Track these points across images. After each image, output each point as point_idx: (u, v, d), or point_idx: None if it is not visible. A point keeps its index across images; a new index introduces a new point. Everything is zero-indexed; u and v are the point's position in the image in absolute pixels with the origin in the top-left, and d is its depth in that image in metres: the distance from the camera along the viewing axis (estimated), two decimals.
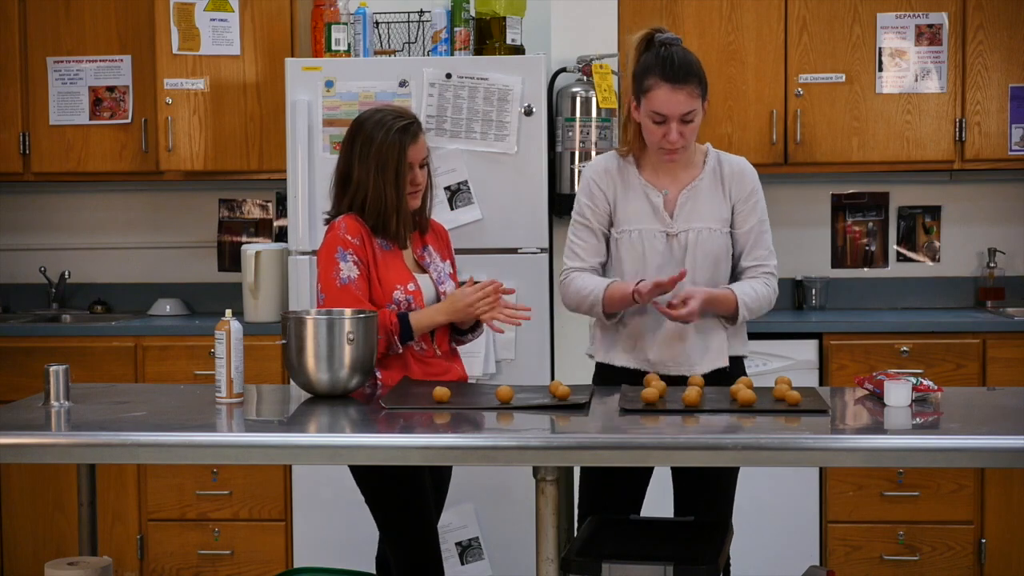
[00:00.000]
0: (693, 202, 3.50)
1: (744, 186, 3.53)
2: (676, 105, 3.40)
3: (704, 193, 3.51)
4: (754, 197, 3.54)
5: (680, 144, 3.42)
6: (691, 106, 3.41)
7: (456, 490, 4.49)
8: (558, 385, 3.21)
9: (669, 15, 5.03)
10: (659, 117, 3.41)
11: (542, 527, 2.90)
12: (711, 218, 3.49)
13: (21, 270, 5.64)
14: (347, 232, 3.46)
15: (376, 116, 3.52)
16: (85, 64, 5.24)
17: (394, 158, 3.45)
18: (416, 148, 3.50)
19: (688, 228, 3.48)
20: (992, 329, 4.80)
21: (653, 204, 3.50)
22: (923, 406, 3.14)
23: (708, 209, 3.50)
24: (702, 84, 3.45)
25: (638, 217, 3.50)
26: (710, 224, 3.48)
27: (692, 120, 3.42)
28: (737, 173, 3.54)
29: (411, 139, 3.48)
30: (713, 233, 3.48)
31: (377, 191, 3.47)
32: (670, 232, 3.48)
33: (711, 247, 3.47)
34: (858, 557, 4.79)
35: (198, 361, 4.88)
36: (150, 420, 3.12)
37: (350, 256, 3.44)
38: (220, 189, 5.52)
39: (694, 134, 3.47)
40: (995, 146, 5.01)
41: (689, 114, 3.41)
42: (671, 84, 3.40)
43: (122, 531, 4.96)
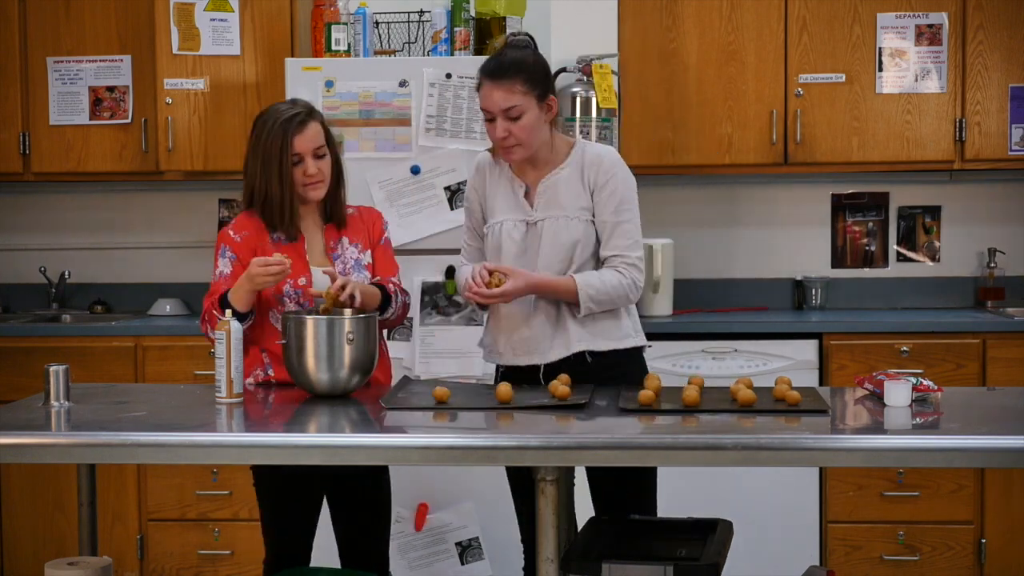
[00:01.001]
0: (552, 191, 3.50)
1: (600, 173, 3.48)
2: (494, 101, 3.40)
3: (563, 183, 3.50)
4: (611, 184, 3.47)
5: (510, 141, 3.42)
6: (511, 102, 3.38)
7: (456, 490, 4.50)
8: (558, 385, 3.21)
9: (669, 15, 5.03)
10: (487, 114, 3.44)
11: (542, 527, 2.90)
12: (569, 207, 3.48)
13: (21, 270, 5.63)
14: (233, 228, 3.52)
15: (269, 109, 3.52)
16: (85, 64, 5.24)
17: (277, 150, 3.43)
18: (303, 138, 3.44)
19: (546, 216, 3.48)
20: (992, 329, 4.80)
21: (516, 195, 3.53)
22: (923, 406, 3.14)
23: (566, 198, 3.49)
24: (533, 81, 3.40)
25: (504, 209, 3.53)
26: (567, 212, 3.47)
27: (519, 117, 3.39)
28: (595, 163, 3.49)
29: (296, 129, 3.43)
30: (570, 221, 3.47)
31: (262, 185, 3.46)
32: (529, 221, 3.50)
33: (565, 235, 3.46)
34: (858, 557, 4.79)
35: (198, 361, 4.88)
36: (150, 420, 3.12)
37: (228, 252, 3.50)
38: (220, 189, 5.51)
39: (528, 132, 3.41)
40: (995, 146, 5.01)
41: (511, 110, 3.39)
42: (490, 80, 3.41)
43: (122, 531, 4.96)
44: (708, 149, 5.06)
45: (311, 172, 3.46)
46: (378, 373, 3.51)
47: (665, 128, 5.05)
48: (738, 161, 5.06)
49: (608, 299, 3.44)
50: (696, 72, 5.04)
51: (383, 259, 3.64)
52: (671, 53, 5.04)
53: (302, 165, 3.45)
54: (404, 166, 4.57)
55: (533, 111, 3.41)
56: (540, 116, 3.43)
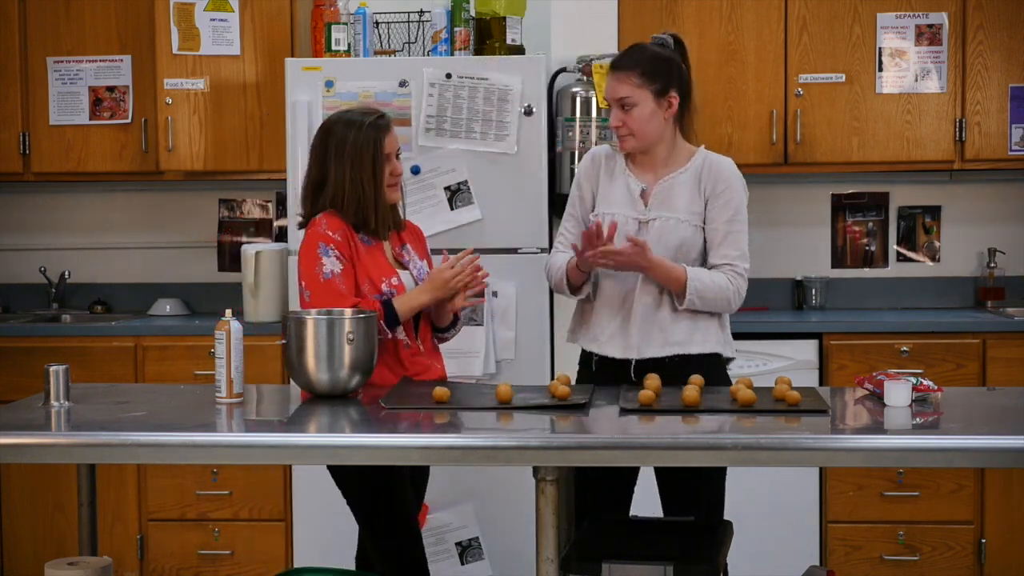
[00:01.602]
0: (668, 193, 3.56)
1: (718, 182, 3.56)
2: (611, 90, 3.54)
3: (680, 186, 3.56)
4: (727, 194, 3.56)
5: (623, 131, 3.53)
6: (625, 92, 3.50)
7: (456, 490, 4.51)
8: (558, 385, 3.21)
9: (669, 15, 5.03)
10: (606, 103, 3.59)
11: (542, 527, 2.90)
12: (682, 209, 3.54)
13: (21, 270, 5.63)
14: (328, 228, 3.47)
15: (345, 116, 3.56)
16: (85, 64, 5.24)
17: (370, 152, 3.48)
18: (391, 139, 3.54)
19: (658, 216, 3.53)
20: (992, 329, 4.80)
21: (631, 192, 3.57)
22: (923, 406, 3.14)
23: (681, 201, 3.55)
24: (649, 75, 3.51)
25: (616, 203, 3.57)
26: (680, 215, 3.53)
27: (631, 108, 3.51)
28: (715, 170, 3.58)
29: (384, 131, 3.52)
30: (680, 223, 3.52)
31: (355, 187, 3.49)
32: (642, 219, 3.53)
33: (675, 236, 3.51)
34: (858, 557, 4.79)
35: (198, 361, 4.88)
36: (150, 420, 3.12)
37: (332, 251, 3.45)
38: (220, 189, 5.52)
39: (641, 124, 3.52)
40: (995, 146, 5.01)
41: (624, 99, 3.51)
42: (613, 71, 3.56)
43: (122, 531, 4.96)
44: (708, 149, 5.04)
45: (399, 171, 3.56)
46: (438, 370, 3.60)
47: None
48: (738, 161, 4.97)
49: (712, 299, 3.49)
50: (696, 72, 4.98)
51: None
52: None
53: (390, 165, 3.53)
54: (404, 166, 4.55)
55: (648, 104, 3.51)
56: (656, 111, 3.52)
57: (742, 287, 3.55)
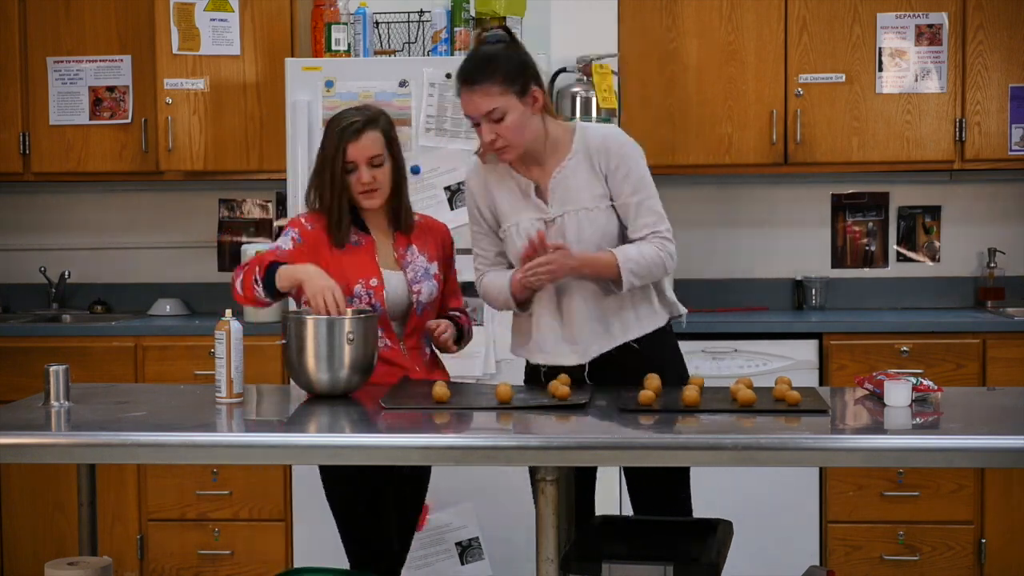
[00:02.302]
0: (564, 185, 3.41)
1: (611, 158, 3.38)
2: (473, 106, 3.31)
3: (574, 173, 3.41)
4: (625, 165, 3.38)
5: (500, 143, 3.32)
6: (489, 105, 3.29)
7: (456, 490, 4.50)
8: (558, 385, 3.21)
9: (669, 15, 5.03)
10: (471, 120, 3.35)
11: (542, 527, 2.90)
12: (586, 198, 3.39)
13: (21, 270, 5.64)
14: (306, 218, 3.53)
15: (337, 115, 3.52)
16: (85, 64, 5.24)
17: (331, 158, 3.45)
18: (357, 146, 3.43)
19: (564, 211, 3.40)
20: (992, 329, 4.80)
21: (524, 193, 3.43)
22: (923, 406, 3.14)
23: (581, 189, 3.40)
24: (508, 79, 3.29)
25: (515, 209, 3.44)
26: (585, 204, 3.39)
27: (502, 119, 3.29)
28: (602, 147, 3.39)
29: (350, 137, 3.43)
30: (590, 213, 3.39)
31: (318, 191, 3.50)
32: (547, 219, 3.41)
33: (589, 229, 3.38)
34: (858, 557, 4.79)
35: (198, 361, 4.88)
36: (150, 420, 3.12)
37: (292, 231, 3.50)
38: (220, 189, 5.52)
39: (515, 132, 3.31)
40: (995, 146, 5.01)
41: (492, 113, 3.29)
42: (466, 86, 3.31)
43: (122, 531, 4.96)
44: (708, 149, 5.06)
45: (364, 180, 3.45)
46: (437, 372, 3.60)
47: (665, 128, 5.04)
48: (738, 161, 5.06)
49: (648, 272, 3.36)
50: (696, 72, 5.04)
51: (453, 284, 3.69)
52: (671, 53, 5.04)
53: (355, 173, 3.46)
54: None
55: (516, 109, 3.30)
56: (525, 112, 3.32)
57: (671, 249, 3.38)
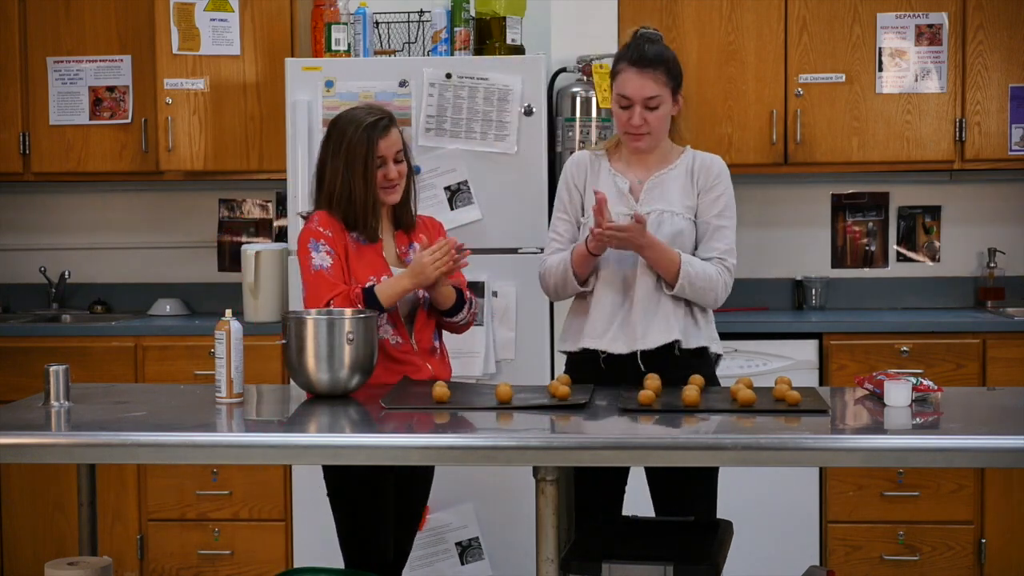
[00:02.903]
0: (660, 188, 3.56)
1: (709, 177, 3.58)
2: (639, 88, 3.48)
3: (672, 181, 3.57)
4: (718, 190, 3.57)
5: (644, 129, 3.50)
6: (655, 91, 3.48)
7: (456, 490, 4.50)
8: (558, 385, 3.21)
9: (669, 15, 5.03)
10: (625, 101, 3.50)
11: (542, 527, 2.90)
12: (676, 203, 3.54)
13: (21, 270, 5.63)
14: (319, 224, 3.51)
15: (349, 114, 3.56)
16: (85, 64, 5.24)
17: (362, 152, 3.47)
18: (387, 142, 3.51)
19: (650, 210, 3.52)
20: (992, 329, 4.80)
21: (620, 189, 3.57)
22: (923, 406, 3.14)
23: (673, 195, 3.55)
24: (671, 75, 3.52)
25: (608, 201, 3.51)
26: (673, 208, 3.53)
27: (657, 107, 3.49)
28: (706, 166, 3.60)
29: (380, 133, 3.50)
30: (675, 216, 3.52)
31: (345, 186, 3.50)
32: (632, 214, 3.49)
33: (670, 228, 3.51)
34: (858, 557, 4.79)
35: (198, 361, 4.88)
36: (150, 420, 3.12)
37: (322, 246, 3.47)
38: (220, 189, 5.52)
39: (661, 123, 3.53)
40: (995, 146, 5.01)
41: (653, 99, 3.49)
42: (637, 68, 3.49)
43: (122, 531, 4.96)
44: (708, 149, 5.02)
45: (392, 176, 3.52)
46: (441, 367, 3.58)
47: None
48: (738, 161, 5.05)
49: (702, 287, 3.47)
50: (696, 72, 5.04)
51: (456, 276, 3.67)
52: None
53: (383, 169, 3.51)
54: None
55: (668, 104, 3.52)
56: (671, 110, 3.54)
57: (729, 282, 3.54)
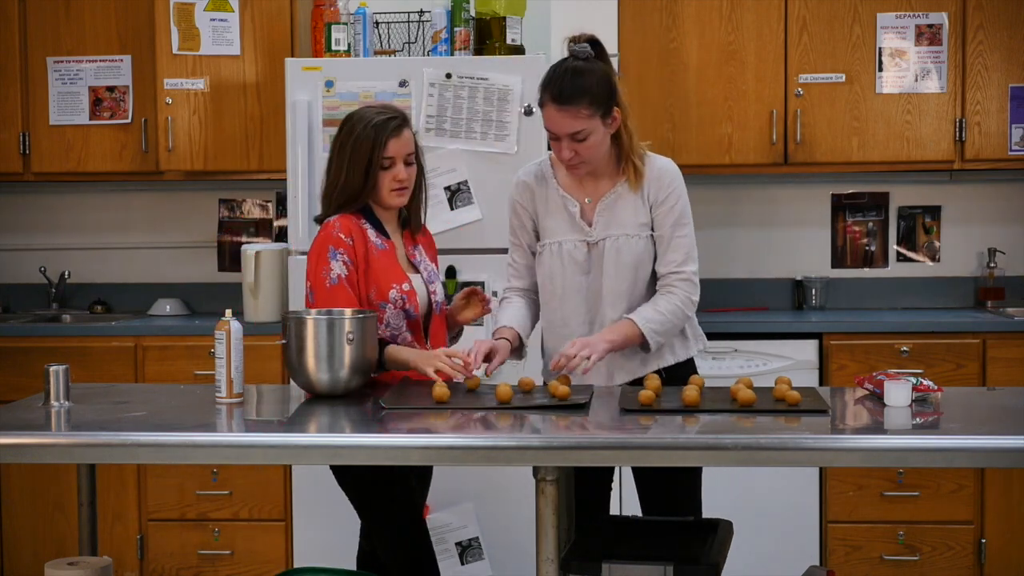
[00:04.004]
0: (611, 210, 3.47)
1: (661, 189, 3.46)
2: (562, 126, 3.35)
3: (622, 200, 3.47)
4: (671, 200, 3.46)
5: (576, 160, 3.39)
6: (577, 127, 3.34)
7: (456, 490, 4.50)
8: (558, 385, 3.21)
9: (669, 15, 5.03)
10: (552, 134, 3.40)
11: (542, 527, 2.90)
12: (630, 224, 3.46)
13: (21, 270, 5.64)
14: (340, 231, 3.43)
15: (362, 111, 3.52)
16: (85, 64, 5.24)
17: (367, 149, 3.42)
18: (398, 143, 3.44)
19: (607, 235, 3.45)
20: (992, 329, 4.80)
21: (571, 214, 3.49)
22: (923, 406, 3.14)
23: (627, 215, 3.46)
24: (597, 103, 3.35)
25: (560, 229, 3.49)
26: (628, 230, 3.45)
27: (584, 139, 3.36)
28: (655, 178, 3.47)
29: (391, 133, 3.43)
30: (631, 239, 3.45)
31: (347, 184, 3.45)
32: (589, 241, 3.46)
33: (628, 255, 3.45)
34: (858, 557, 4.79)
35: (198, 361, 4.88)
36: (150, 420, 3.12)
37: (340, 255, 3.42)
38: (220, 189, 5.52)
39: (595, 150, 3.39)
40: (995, 146, 5.01)
41: (578, 134, 3.35)
42: (555, 104, 3.35)
43: (122, 531, 4.96)
44: (708, 149, 5.06)
45: (402, 177, 3.46)
46: None
47: (665, 128, 5.04)
48: (738, 161, 5.06)
49: (672, 326, 3.45)
50: (696, 72, 5.04)
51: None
52: (671, 53, 5.04)
53: (393, 170, 3.45)
54: None
55: (599, 131, 3.38)
56: (605, 133, 3.41)
57: (692, 292, 3.47)
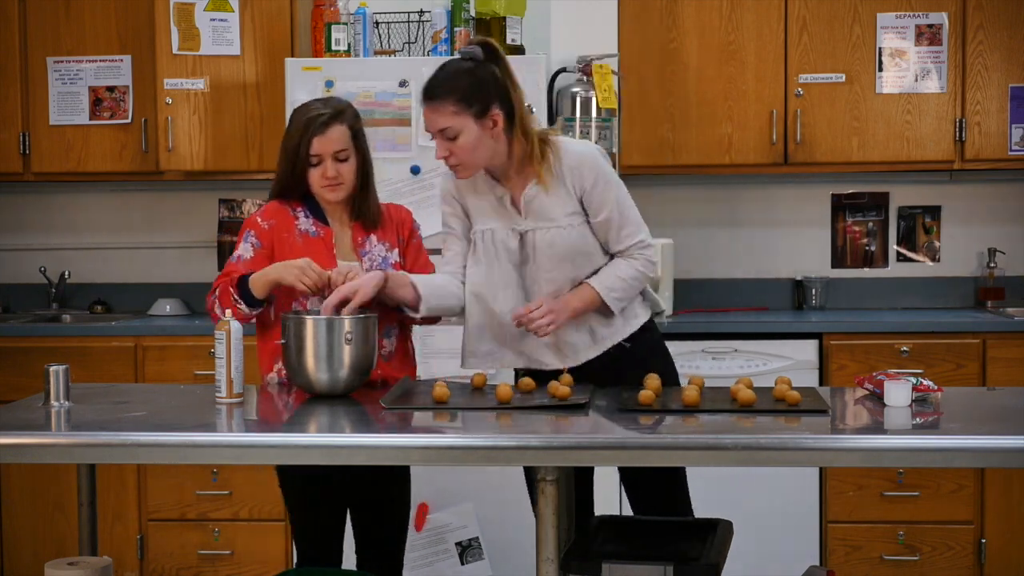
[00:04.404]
0: (539, 200, 3.41)
1: (582, 177, 3.39)
2: (429, 122, 3.33)
3: (546, 193, 3.40)
4: (598, 184, 3.39)
5: (452, 161, 3.34)
6: (443, 123, 3.29)
7: (456, 490, 4.50)
8: (558, 385, 3.21)
9: (669, 15, 5.03)
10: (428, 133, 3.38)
11: (542, 527, 2.90)
12: (559, 216, 3.40)
13: (21, 270, 5.64)
14: (260, 215, 3.51)
15: (305, 104, 3.51)
16: (85, 64, 5.24)
17: (294, 146, 3.44)
18: (322, 140, 3.41)
19: (536, 227, 3.41)
20: (992, 329, 4.80)
21: (501, 201, 3.45)
22: (923, 406, 3.14)
23: (554, 208, 3.40)
24: (469, 100, 3.29)
25: (491, 216, 3.45)
26: (558, 222, 3.40)
27: (455, 137, 3.30)
28: (572, 167, 3.39)
29: (316, 131, 3.41)
30: (562, 231, 3.40)
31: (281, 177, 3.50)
32: (521, 231, 3.43)
33: (561, 246, 3.40)
34: (858, 557, 4.79)
35: (198, 361, 4.88)
36: (150, 420, 3.12)
37: (251, 236, 3.48)
38: (220, 189, 5.52)
39: (469, 151, 3.32)
40: (995, 146, 5.01)
41: (446, 131, 3.30)
42: (424, 101, 3.34)
43: (122, 531, 4.96)
44: (708, 149, 5.06)
45: (329, 175, 3.44)
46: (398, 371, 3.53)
47: (665, 128, 5.05)
48: (738, 161, 5.06)
49: (632, 289, 3.45)
50: (696, 72, 5.04)
51: (416, 257, 3.61)
52: (671, 53, 5.04)
53: (321, 167, 3.45)
54: (404, 166, 4.57)
55: (471, 130, 3.30)
56: (481, 134, 3.31)
57: (651, 256, 3.46)
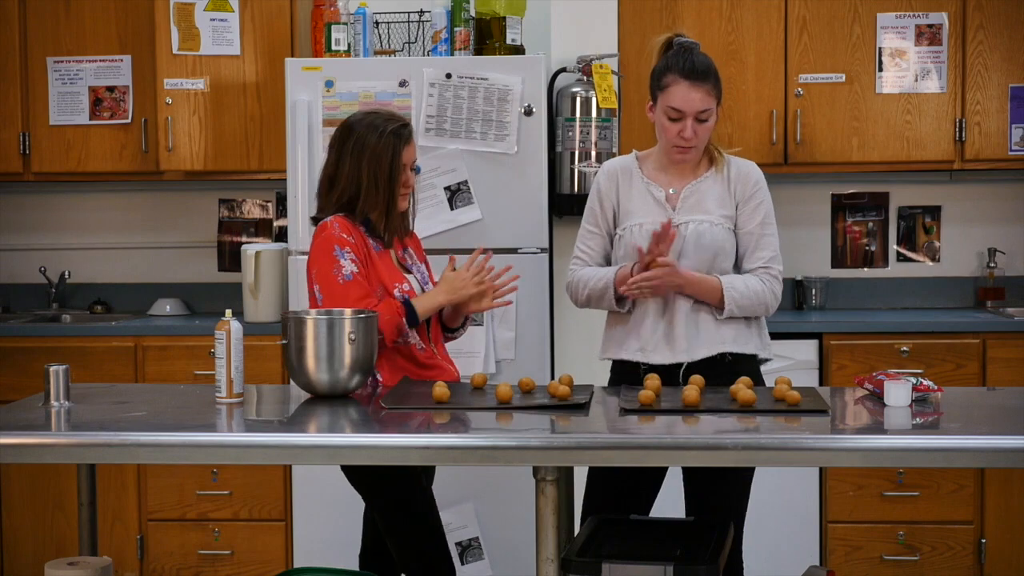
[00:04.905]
0: (697, 196, 3.56)
1: (748, 186, 3.58)
2: (692, 102, 3.47)
3: (707, 190, 3.57)
4: (758, 197, 3.58)
5: (694, 142, 3.50)
6: (707, 104, 3.48)
7: (456, 490, 4.50)
8: (558, 385, 3.21)
9: (669, 15, 5.03)
10: (675, 113, 3.48)
11: (542, 527, 2.90)
12: (713, 212, 3.54)
13: (21, 270, 5.64)
14: (341, 231, 3.47)
15: (368, 119, 3.55)
16: (85, 64, 5.24)
17: (388, 160, 3.48)
18: (409, 150, 3.55)
19: (689, 220, 3.53)
20: (992, 329, 4.80)
21: (656, 198, 3.57)
22: (923, 406, 3.14)
23: (710, 204, 3.55)
24: (718, 87, 3.52)
25: (643, 211, 3.56)
26: (712, 218, 3.53)
27: (706, 120, 3.50)
28: (743, 174, 3.59)
29: (405, 142, 3.52)
30: (714, 227, 3.52)
31: (369, 192, 3.49)
32: (674, 223, 3.51)
33: (710, 239, 3.51)
34: (858, 557, 4.79)
35: (198, 361, 4.88)
36: (150, 420, 3.12)
37: (347, 253, 3.44)
38: (220, 189, 5.52)
39: (707, 135, 3.53)
40: (995, 146, 5.01)
41: (704, 112, 3.48)
42: (689, 81, 3.48)
43: (122, 531, 4.96)
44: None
45: (411, 184, 3.57)
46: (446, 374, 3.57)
47: None
48: None
49: (751, 304, 3.50)
50: None
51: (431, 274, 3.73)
52: None
53: (404, 176, 3.53)
54: None
55: (715, 116, 3.53)
56: (715, 121, 3.55)
57: (777, 289, 3.56)
